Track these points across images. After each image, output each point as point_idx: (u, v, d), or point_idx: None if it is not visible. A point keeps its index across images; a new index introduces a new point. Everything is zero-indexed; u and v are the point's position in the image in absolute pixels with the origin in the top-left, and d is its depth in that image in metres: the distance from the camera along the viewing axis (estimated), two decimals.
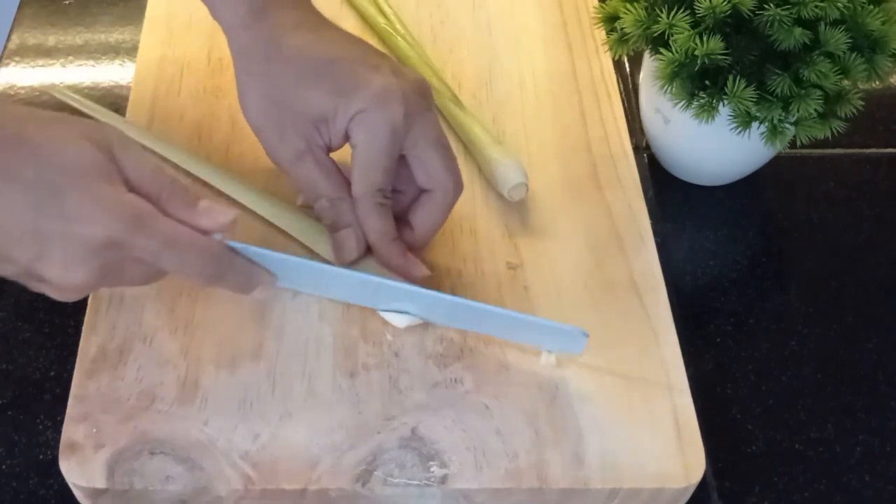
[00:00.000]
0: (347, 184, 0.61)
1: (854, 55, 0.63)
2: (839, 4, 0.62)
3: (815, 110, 0.63)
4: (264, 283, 0.58)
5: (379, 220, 0.60)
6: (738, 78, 0.63)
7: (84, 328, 0.61)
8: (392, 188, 0.61)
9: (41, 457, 0.61)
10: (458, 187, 0.61)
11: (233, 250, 0.56)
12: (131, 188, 0.52)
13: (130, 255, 0.52)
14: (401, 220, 0.62)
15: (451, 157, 0.61)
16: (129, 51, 0.82)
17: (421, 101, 0.59)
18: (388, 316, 0.62)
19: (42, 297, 0.63)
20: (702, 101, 0.65)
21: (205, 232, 0.54)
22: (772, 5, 0.62)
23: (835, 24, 0.62)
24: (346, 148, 0.61)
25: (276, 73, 0.59)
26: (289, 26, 0.60)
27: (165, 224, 0.52)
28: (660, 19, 0.64)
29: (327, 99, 0.58)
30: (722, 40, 0.62)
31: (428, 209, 0.61)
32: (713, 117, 0.65)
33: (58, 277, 0.51)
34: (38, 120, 0.52)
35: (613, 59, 0.76)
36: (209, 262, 0.54)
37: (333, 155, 0.62)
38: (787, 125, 0.65)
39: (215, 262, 0.55)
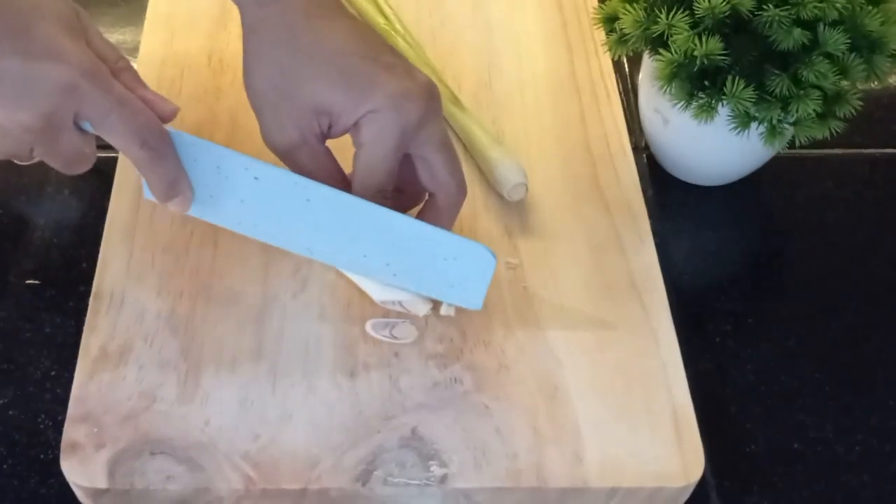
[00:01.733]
0: (342, 175, 0.61)
1: (853, 56, 0.64)
2: (838, 5, 0.62)
3: (814, 111, 0.63)
4: (185, 194, 0.58)
5: None
6: (737, 78, 0.63)
7: (85, 328, 0.61)
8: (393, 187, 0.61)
9: (42, 457, 0.61)
10: (461, 191, 0.61)
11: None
12: (91, 49, 0.54)
13: (81, 108, 0.52)
14: None
15: (457, 161, 0.61)
16: (130, 52, 0.82)
17: (432, 105, 0.59)
18: (367, 287, 0.62)
19: (44, 297, 0.63)
20: (701, 101, 0.65)
21: None
22: (771, 6, 0.62)
23: (834, 24, 0.63)
24: (341, 143, 0.61)
25: (286, 59, 0.59)
26: (304, 11, 0.59)
27: (119, 86, 0.54)
28: (659, 20, 0.64)
29: (339, 93, 0.58)
30: (721, 41, 0.62)
31: (433, 214, 0.61)
32: (712, 118, 0.65)
33: (3, 115, 0.51)
34: None
35: (613, 60, 0.76)
36: (152, 135, 0.55)
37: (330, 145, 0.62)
38: (786, 125, 0.65)
39: (157, 137, 0.55)
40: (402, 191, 0.62)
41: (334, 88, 0.58)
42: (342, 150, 0.61)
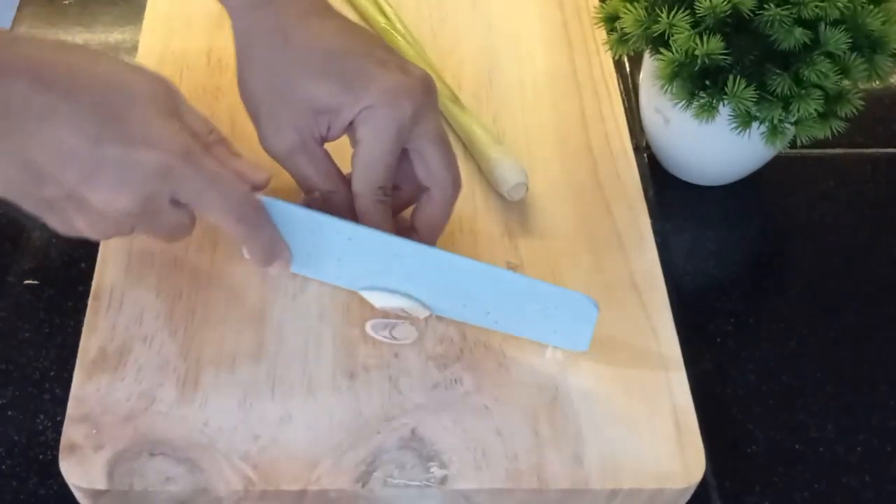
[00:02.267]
0: (341, 177, 0.61)
1: (854, 55, 0.63)
2: (839, 4, 0.62)
3: (816, 110, 0.63)
4: (284, 257, 0.59)
5: (379, 217, 0.60)
6: (738, 78, 0.63)
7: (84, 329, 0.61)
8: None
9: (41, 457, 0.61)
10: (457, 185, 0.61)
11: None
12: (183, 126, 0.54)
13: (177, 189, 0.53)
14: (398, 219, 0.62)
15: (453, 155, 0.61)
16: (129, 51, 0.82)
17: (427, 99, 0.59)
18: (367, 294, 0.62)
19: (43, 298, 0.63)
20: (702, 100, 0.65)
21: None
22: (772, 5, 0.62)
23: (835, 24, 0.62)
24: (340, 143, 0.61)
25: (280, 62, 0.59)
26: (294, 13, 0.60)
27: (213, 162, 0.54)
28: (660, 19, 0.64)
29: (334, 92, 0.58)
30: (722, 40, 0.62)
31: (429, 209, 0.61)
32: (713, 117, 0.65)
33: (102, 201, 0.51)
34: (90, 55, 0.54)
35: (614, 59, 0.76)
36: (247, 209, 0.55)
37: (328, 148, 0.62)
38: (788, 125, 0.65)
39: (253, 210, 0.56)
40: (398, 188, 0.62)
41: (331, 87, 0.58)
42: (341, 152, 0.61)
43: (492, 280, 0.59)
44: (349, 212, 0.60)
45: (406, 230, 0.62)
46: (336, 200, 0.61)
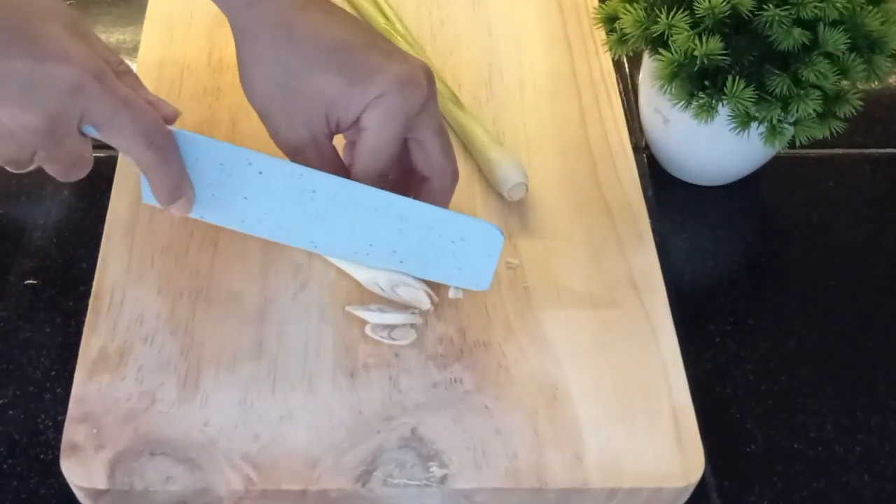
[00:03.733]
0: (345, 171, 0.61)
1: (853, 55, 0.64)
2: (838, 5, 0.62)
3: (815, 110, 0.63)
4: (188, 196, 0.58)
5: None
6: (737, 78, 0.63)
7: (85, 329, 0.61)
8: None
9: (42, 457, 0.61)
10: (456, 175, 0.62)
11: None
12: (95, 51, 0.54)
13: (88, 108, 0.52)
14: None
15: (451, 145, 0.62)
16: (130, 51, 0.82)
17: (431, 88, 0.60)
18: (349, 269, 0.62)
19: (43, 298, 0.63)
20: (701, 101, 0.65)
21: None
22: (771, 6, 0.62)
23: (834, 24, 0.63)
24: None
25: (285, 57, 0.59)
26: (293, 6, 0.60)
27: (124, 87, 0.54)
28: (659, 20, 0.64)
29: (345, 85, 0.58)
30: (721, 41, 0.62)
31: (429, 199, 0.62)
32: (712, 117, 0.65)
33: (9, 116, 0.51)
34: None
35: (613, 60, 0.76)
36: (158, 135, 0.55)
37: None
38: (786, 125, 0.65)
39: (162, 137, 0.55)
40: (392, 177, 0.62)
41: (341, 80, 0.58)
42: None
43: (400, 211, 0.59)
44: None
45: None
46: None
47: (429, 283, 0.62)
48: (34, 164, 0.55)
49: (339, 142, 0.61)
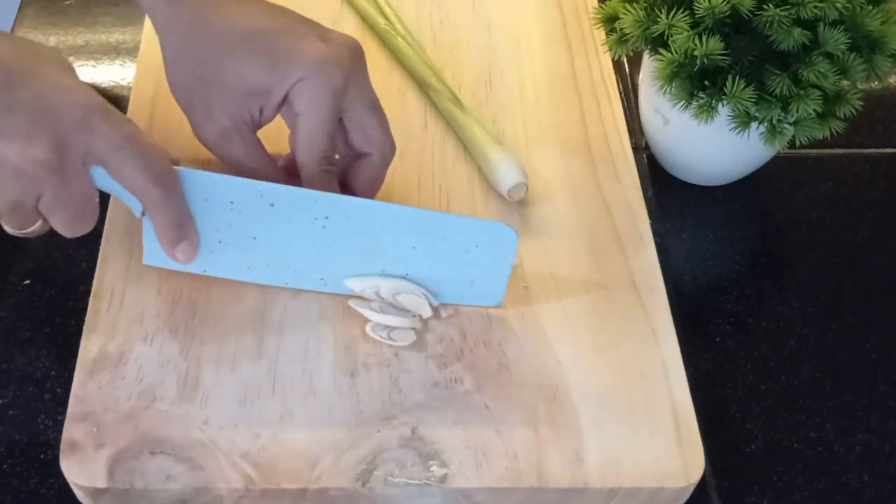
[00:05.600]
0: (273, 161, 0.62)
1: (853, 55, 0.64)
2: (838, 5, 0.62)
3: (815, 110, 0.63)
4: (191, 239, 0.59)
5: (326, 186, 0.60)
6: (737, 78, 0.63)
7: (85, 328, 0.61)
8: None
9: (42, 456, 0.61)
10: (393, 148, 0.63)
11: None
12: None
13: (92, 141, 0.53)
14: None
15: (385, 118, 0.62)
16: (130, 51, 0.82)
17: (356, 64, 0.60)
18: (350, 282, 0.62)
19: (43, 297, 0.63)
20: (701, 101, 0.65)
21: None
22: (771, 6, 0.62)
23: (834, 24, 0.63)
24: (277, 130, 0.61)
25: (205, 49, 0.59)
26: (212, 2, 0.60)
27: (129, 122, 0.55)
28: (659, 20, 0.64)
29: (263, 70, 0.59)
30: (721, 41, 0.62)
31: (368, 172, 0.63)
32: (712, 117, 0.65)
33: (15, 152, 0.51)
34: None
35: (613, 60, 0.76)
36: (162, 169, 0.55)
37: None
38: (787, 125, 0.65)
39: (167, 173, 0.56)
40: (339, 155, 0.63)
41: (259, 67, 0.59)
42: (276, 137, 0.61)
43: (415, 224, 0.60)
44: None
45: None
46: None
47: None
48: (37, 224, 0.55)
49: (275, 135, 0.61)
